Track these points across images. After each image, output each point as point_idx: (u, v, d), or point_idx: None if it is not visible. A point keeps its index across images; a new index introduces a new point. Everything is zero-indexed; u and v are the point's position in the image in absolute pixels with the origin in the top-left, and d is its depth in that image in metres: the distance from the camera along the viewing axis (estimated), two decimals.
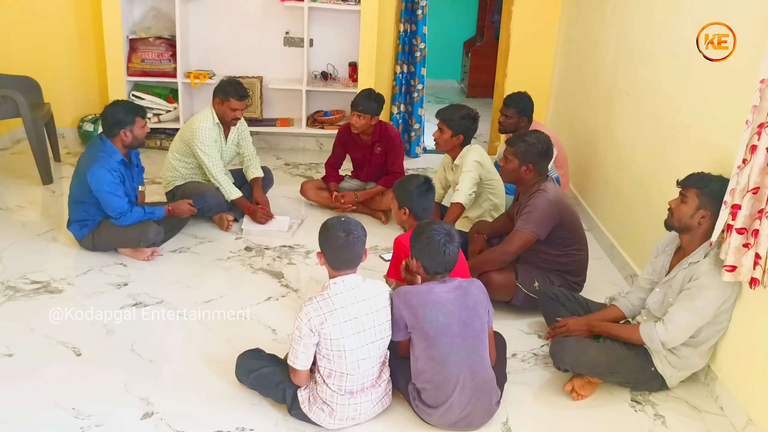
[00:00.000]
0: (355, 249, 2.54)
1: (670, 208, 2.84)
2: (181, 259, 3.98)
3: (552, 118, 5.92)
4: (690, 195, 2.76)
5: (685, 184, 2.80)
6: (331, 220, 2.60)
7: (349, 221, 2.59)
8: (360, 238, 2.56)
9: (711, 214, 2.73)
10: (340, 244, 2.52)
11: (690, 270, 2.76)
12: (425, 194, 3.11)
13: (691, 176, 2.81)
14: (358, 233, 2.56)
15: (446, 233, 2.64)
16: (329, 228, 2.56)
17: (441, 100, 8.81)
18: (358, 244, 2.55)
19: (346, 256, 2.55)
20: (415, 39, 5.80)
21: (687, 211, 2.76)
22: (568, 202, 3.53)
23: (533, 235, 3.36)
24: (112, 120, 3.68)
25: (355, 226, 2.57)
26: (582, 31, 5.19)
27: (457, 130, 3.98)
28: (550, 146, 3.43)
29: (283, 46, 5.88)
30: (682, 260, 2.84)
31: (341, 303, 2.51)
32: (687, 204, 2.77)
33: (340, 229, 2.54)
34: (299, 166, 5.71)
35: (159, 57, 5.59)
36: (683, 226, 2.81)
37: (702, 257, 2.75)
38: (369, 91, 4.50)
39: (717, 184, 2.72)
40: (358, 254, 2.57)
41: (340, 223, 2.56)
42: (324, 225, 2.60)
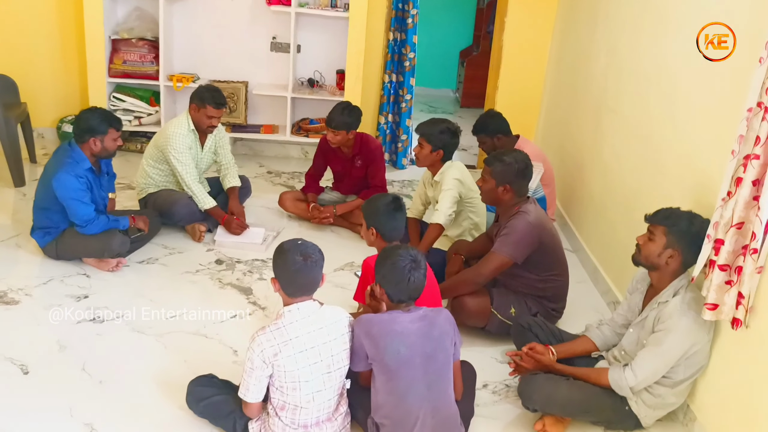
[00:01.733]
0: (312, 274, 2.40)
1: (638, 244, 2.70)
2: (148, 270, 3.84)
3: (542, 132, 5.79)
4: (657, 233, 2.62)
5: (652, 220, 2.67)
6: (286, 243, 2.45)
7: (306, 244, 2.44)
8: (317, 262, 2.42)
9: (679, 253, 2.59)
10: (297, 268, 2.37)
11: (659, 310, 2.62)
12: (393, 214, 2.96)
13: (659, 212, 2.67)
14: (315, 257, 2.41)
15: (412, 260, 2.49)
16: (284, 252, 2.42)
17: (434, 109, 8.68)
18: (315, 269, 2.41)
19: (302, 282, 2.40)
20: (405, 48, 5.66)
21: (654, 249, 2.63)
22: (550, 226, 3.38)
23: (510, 258, 3.21)
24: (84, 126, 3.55)
25: (312, 249, 2.43)
26: (573, 44, 5.05)
27: (436, 145, 3.84)
28: (528, 165, 3.29)
29: (269, 51, 5.73)
30: (653, 299, 2.70)
31: (296, 332, 2.36)
32: (654, 242, 2.63)
33: (296, 252, 2.40)
34: (282, 175, 5.57)
35: (141, 59, 5.45)
36: (650, 264, 2.67)
37: (671, 296, 2.61)
38: (343, 105, 4.34)
39: (686, 223, 2.58)
40: (315, 280, 2.43)
41: (296, 247, 2.42)
42: (279, 248, 2.45)
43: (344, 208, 4.50)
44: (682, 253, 2.61)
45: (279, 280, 2.42)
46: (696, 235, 2.58)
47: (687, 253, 2.61)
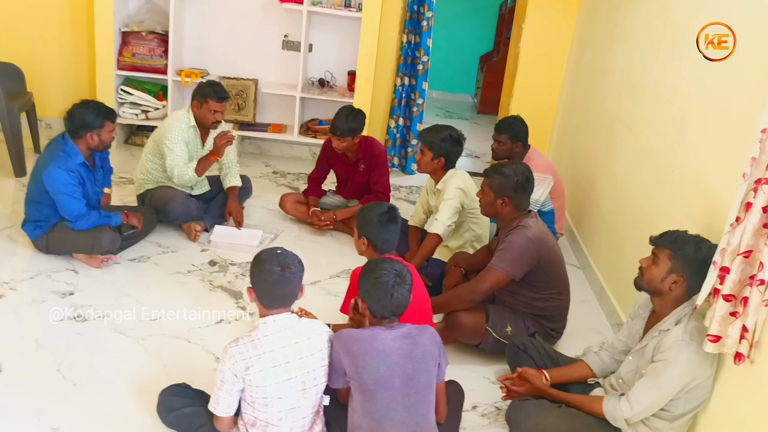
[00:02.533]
0: (290, 286, 2.29)
1: (641, 267, 2.55)
2: (139, 269, 3.75)
3: (555, 144, 5.63)
4: (662, 256, 2.47)
5: (657, 243, 2.51)
6: (265, 253, 2.34)
7: (286, 254, 2.33)
8: (296, 273, 2.31)
9: (684, 279, 2.44)
10: (274, 279, 2.26)
11: (660, 338, 2.47)
12: (387, 225, 2.83)
13: (664, 235, 2.51)
14: (294, 268, 2.30)
15: (396, 274, 2.37)
16: (262, 261, 2.31)
17: (450, 114, 8.54)
18: (293, 281, 2.30)
19: (280, 293, 2.29)
20: (419, 51, 5.53)
21: (657, 274, 2.47)
22: (552, 242, 3.23)
23: (506, 274, 3.07)
24: (79, 121, 3.46)
25: (292, 260, 2.32)
26: (590, 56, 4.89)
27: (437, 152, 3.72)
28: (529, 179, 3.15)
29: (281, 50, 5.64)
30: (654, 327, 2.55)
31: (270, 346, 2.25)
32: (658, 266, 2.48)
33: (274, 262, 2.28)
34: (287, 176, 5.47)
35: (150, 52, 5.38)
36: (653, 290, 2.52)
37: (673, 325, 2.45)
38: (346, 111, 4.21)
39: (692, 248, 2.42)
40: (293, 292, 2.32)
41: (275, 257, 2.31)
42: (257, 257, 2.34)
43: (345, 213, 4.38)
44: (686, 280, 2.46)
45: (255, 290, 2.31)
46: (702, 262, 2.42)
47: (692, 280, 2.46)
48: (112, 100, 5.41)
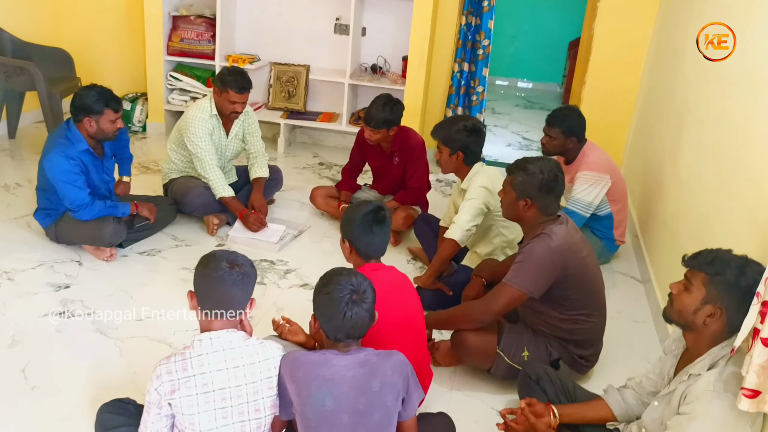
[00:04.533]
0: (235, 288, 1.96)
1: (671, 293, 2.03)
2: (145, 263, 3.56)
3: (633, 139, 4.99)
4: (695, 281, 1.95)
5: (691, 264, 1.99)
6: (217, 251, 2.03)
7: (239, 256, 2.02)
8: (246, 277, 1.99)
9: (722, 311, 1.91)
10: (218, 276, 1.95)
11: (689, 384, 1.94)
12: (370, 227, 2.44)
13: (701, 254, 1.99)
14: (245, 270, 1.98)
15: (353, 290, 1.99)
16: (210, 257, 2.01)
17: (531, 105, 7.95)
18: (241, 284, 1.97)
19: (221, 297, 1.97)
20: (479, 35, 5.05)
21: (689, 303, 1.96)
22: (584, 254, 2.72)
23: (523, 291, 2.61)
24: (79, 103, 3.30)
25: (244, 261, 2.00)
26: (668, 34, 4.25)
27: (454, 146, 3.28)
28: (558, 178, 2.66)
29: (333, 34, 5.33)
30: (684, 368, 2.03)
31: (203, 368, 1.94)
32: (690, 293, 1.96)
33: (223, 258, 1.98)
34: (333, 167, 5.17)
35: (198, 37, 5.23)
36: (684, 323, 2.01)
37: (705, 369, 1.93)
38: (383, 100, 3.83)
39: (734, 272, 1.89)
40: (239, 297, 1.99)
41: (225, 254, 2.01)
42: (205, 255, 2.04)
43: None
44: (726, 312, 1.94)
45: (196, 292, 2.01)
46: (747, 291, 1.89)
47: (733, 313, 1.93)
48: (161, 86, 5.32)
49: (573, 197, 3.71)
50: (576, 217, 3.68)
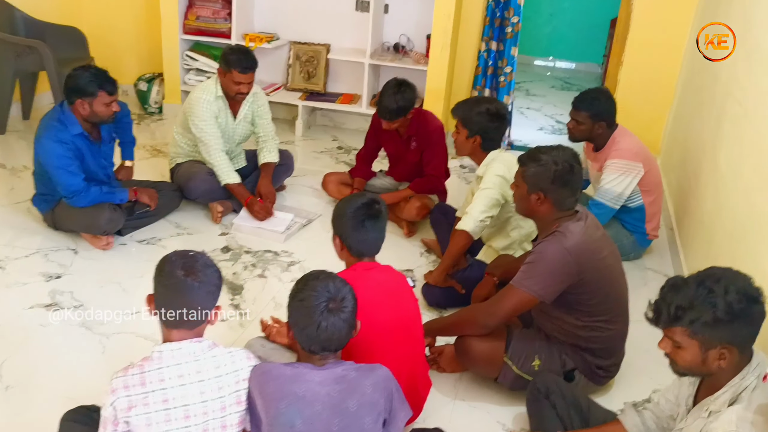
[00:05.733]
0: (191, 297, 1.77)
1: (667, 354, 1.75)
2: (143, 252, 3.41)
3: (672, 124, 4.63)
4: (680, 337, 1.68)
5: (660, 325, 1.71)
6: (175, 253, 1.83)
7: (200, 259, 1.82)
8: (205, 284, 1.78)
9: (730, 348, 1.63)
10: (172, 284, 1.76)
11: (707, 424, 1.67)
12: (362, 222, 2.22)
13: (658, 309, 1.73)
14: (205, 278, 1.78)
15: (330, 298, 1.78)
16: (166, 261, 1.82)
17: (569, 86, 7.57)
18: (198, 293, 1.78)
19: (177, 306, 1.78)
20: (508, 11, 4.73)
21: (692, 359, 1.69)
22: (605, 254, 2.43)
23: (532, 294, 2.36)
24: (72, 84, 3.13)
25: (204, 266, 1.80)
26: (713, 12, 3.87)
27: (473, 129, 3.03)
28: (573, 169, 2.39)
29: (354, 11, 5.07)
30: (702, 401, 1.75)
31: (163, 382, 1.75)
32: (684, 349, 1.69)
33: (179, 264, 1.78)
34: (352, 152, 4.92)
35: (214, 15, 5.03)
36: (700, 374, 1.74)
37: (725, 405, 1.65)
38: (393, 89, 3.54)
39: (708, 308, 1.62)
40: (196, 308, 1.79)
41: (183, 258, 1.80)
42: (163, 259, 1.84)
43: (391, 198, 3.77)
44: (734, 344, 1.65)
45: (155, 297, 1.82)
46: (740, 312, 1.61)
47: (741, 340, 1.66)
48: (178, 66, 5.15)
49: (601, 187, 3.42)
50: (604, 209, 3.40)
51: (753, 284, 1.64)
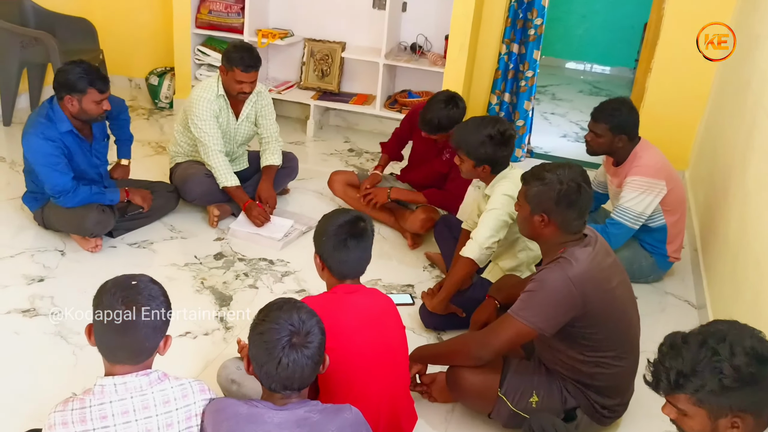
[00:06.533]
0: (135, 335, 1.60)
1: (673, 421, 1.53)
2: (132, 256, 3.27)
3: (702, 136, 4.36)
4: (684, 405, 1.46)
5: (663, 392, 1.49)
6: (112, 283, 1.65)
7: (140, 289, 1.63)
8: (150, 318, 1.60)
9: (743, 417, 1.41)
10: (111, 321, 1.59)
11: None
12: (345, 242, 2.03)
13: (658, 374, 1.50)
14: (149, 312, 1.61)
15: (293, 331, 1.60)
16: (104, 293, 1.64)
17: (598, 91, 7.28)
18: (143, 329, 1.60)
19: (117, 344, 1.61)
20: (531, 12, 4.50)
21: (700, 428, 1.46)
22: (614, 284, 2.21)
23: (531, 326, 2.15)
24: (61, 79, 3.00)
25: (148, 298, 1.63)
26: (747, 18, 3.61)
27: (479, 159, 2.80)
28: (581, 189, 2.18)
29: (371, 8, 4.88)
30: None
31: (106, 420, 1.59)
32: (691, 417, 1.46)
33: (118, 296, 1.61)
34: (364, 154, 4.75)
35: (227, 9, 4.88)
36: None
37: None
38: (443, 103, 3.27)
39: (713, 374, 1.39)
40: (141, 344, 1.62)
41: (122, 288, 1.63)
42: (100, 288, 1.66)
43: (403, 194, 3.56)
44: (747, 412, 1.43)
45: (94, 332, 1.65)
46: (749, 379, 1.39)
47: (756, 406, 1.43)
48: (189, 61, 5.01)
49: (620, 205, 3.18)
50: (622, 229, 3.16)
51: (763, 341, 1.42)
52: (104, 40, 5.02)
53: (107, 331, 1.60)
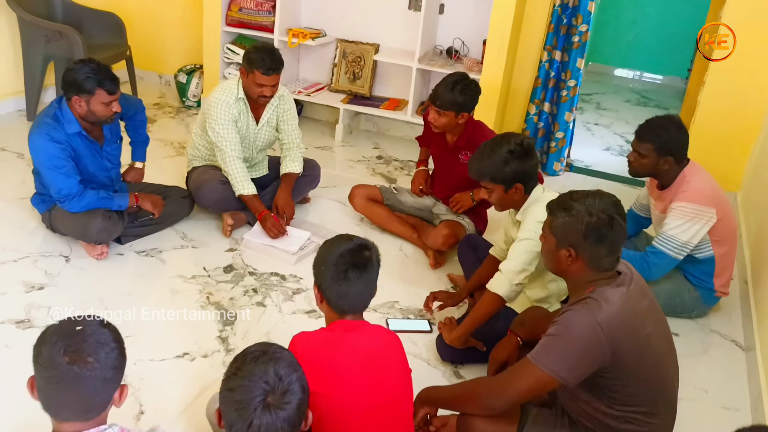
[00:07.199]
0: (83, 390, 1.39)
1: None
2: (138, 265, 3.12)
3: (757, 157, 4.02)
4: None
5: None
6: (53, 330, 1.41)
7: (86, 336, 1.40)
8: (101, 371, 1.39)
9: None
10: (55, 377, 1.38)
11: None
12: (344, 273, 1.82)
13: None
14: (98, 363, 1.38)
15: (269, 390, 1.39)
16: (44, 344, 1.40)
17: (646, 101, 6.92)
18: (91, 383, 1.39)
19: (61, 400, 1.41)
20: (576, 18, 4.22)
21: None
22: (647, 331, 1.95)
23: (552, 375, 1.90)
24: (69, 78, 2.85)
25: (96, 346, 1.40)
26: None
27: (508, 181, 2.54)
28: (613, 222, 1.92)
29: (407, 9, 4.66)
30: None
31: None
32: None
33: (60, 348, 1.38)
34: (392, 162, 4.54)
35: (258, 7, 4.72)
36: None
37: None
38: (455, 77, 3.19)
39: None
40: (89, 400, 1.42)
41: (64, 339, 1.39)
42: (40, 337, 1.43)
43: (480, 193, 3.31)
44: None
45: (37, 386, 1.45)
46: None
47: None
48: (218, 59, 4.87)
49: (664, 233, 2.90)
50: (664, 259, 2.89)
51: None
52: (136, 35, 4.95)
53: (49, 386, 1.39)
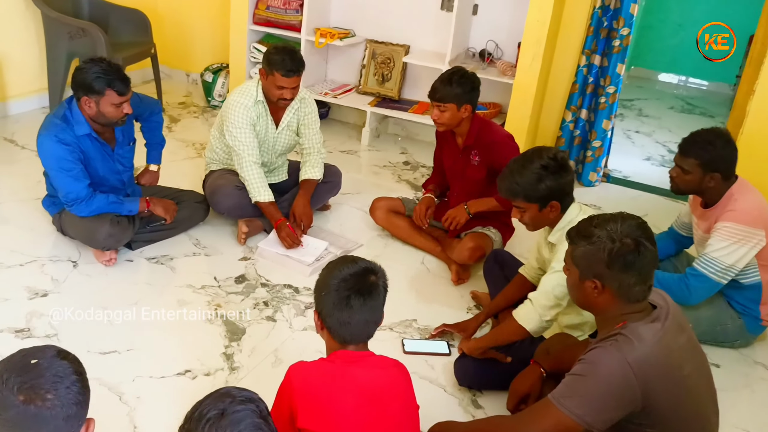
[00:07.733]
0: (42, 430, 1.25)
1: None
2: (147, 273, 3.00)
3: None
4: None
5: None
6: (4, 367, 1.25)
7: (43, 371, 1.25)
8: (61, 408, 1.23)
9: None
10: (10, 419, 1.22)
11: None
12: (347, 299, 1.65)
13: None
14: (58, 400, 1.23)
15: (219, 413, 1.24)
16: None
17: (691, 108, 6.61)
18: (52, 422, 1.23)
19: None
20: (617, 21, 3.99)
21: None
22: (684, 372, 1.75)
23: (575, 420, 1.71)
24: (79, 78, 2.74)
25: (53, 381, 1.24)
26: None
27: (543, 199, 2.34)
28: (640, 247, 1.72)
29: (439, 10, 4.48)
30: None
31: None
32: None
33: (14, 386, 1.22)
34: (419, 169, 4.36)
35: (285, 5, 4.59)
36: None
37: None
38: (452, 71, 3.09)
39: None
40: None
41: (18, 375, 1.23)
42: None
43: (478, 205, 3.12)
44: None
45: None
46: None
47: None
48: (244, 59, 4.75)
49: (707, 255, 2.67)
50: (706, 283, 2.66)
51: None
52: (163, 32, 4.88)
53: (3, 430, 1.26)
